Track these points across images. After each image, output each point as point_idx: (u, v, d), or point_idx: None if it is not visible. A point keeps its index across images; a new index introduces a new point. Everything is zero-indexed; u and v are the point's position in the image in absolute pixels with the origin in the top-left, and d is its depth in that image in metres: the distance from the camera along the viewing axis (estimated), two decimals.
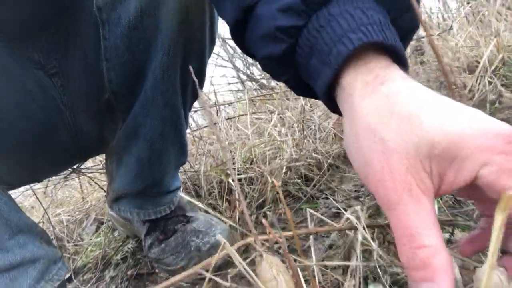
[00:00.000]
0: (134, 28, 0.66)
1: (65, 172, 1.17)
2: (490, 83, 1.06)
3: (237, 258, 0.31)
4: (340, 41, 0.37)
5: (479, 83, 1.08)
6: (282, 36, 0.40)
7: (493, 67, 1.10)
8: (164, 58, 0.68)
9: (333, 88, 0.39)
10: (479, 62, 1.15)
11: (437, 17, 1.91)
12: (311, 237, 0.72)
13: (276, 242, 0.60)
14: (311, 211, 0.48)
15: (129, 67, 0.69)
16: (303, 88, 0.46)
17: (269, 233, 0.34)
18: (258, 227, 0.83)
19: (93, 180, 1.23)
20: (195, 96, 0.83)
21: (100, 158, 1.35)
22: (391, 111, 0.34)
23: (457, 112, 0.32)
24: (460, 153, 0.31)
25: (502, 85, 1.03)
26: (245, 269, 0.31)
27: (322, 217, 0.48)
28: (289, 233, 0.38)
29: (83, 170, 1.25)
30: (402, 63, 0.38)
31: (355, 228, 0.43)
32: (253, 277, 0.32)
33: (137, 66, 0.69)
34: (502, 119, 1.01)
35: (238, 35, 0.47)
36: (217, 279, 0.32)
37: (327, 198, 0.88)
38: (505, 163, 0.30)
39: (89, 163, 1.40)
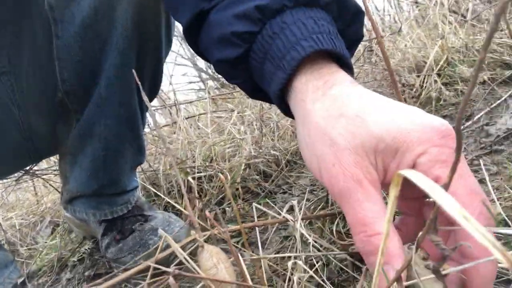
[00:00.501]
0: (89, 27, 0.65)
1: (16, 174, 1.13)
2: (435, 82, 1.13)
3: (177, 249, 0.33)
4: (293, 48, 0.39)
5: (426, 82, 1.15)
6: (237, 41, 0.43)
7: (438, 67, 1.18)
8: (119, 57, 0.68)
9: (285, 91, 0.42)
10: (426, 62, 1.22)
11: (389, 19, 2.00)
12: (269, 229, 0.74)
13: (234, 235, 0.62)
14: (258, 206, 0.50)
15: (82, 66, 0.68)
16: (256, 91, 0.49)
17: (211, 225, 0.36)
18: (218, 220, 0.84)
19: (47, 182, 1.19)
20: (152, 96, 0.83)
21: (55, 159, 1.31)
22: (340, 113, 0.36)
23: (398, 110, 0.36)
24: (401, 146, 0.34)
25: (445, 83, 1.10)
26: (185, 259, 0.33)
27: (271, 212, 0.50)
28: (236, 227, 0.40)
29: (37, 172, 1.21)
30: (349, 69, 0.42)
31: (293, 220, 0.46)
32: (193, 266, 0.33)
33: (91, 65, 0.68)
34: (445, 116, 1.07)
35: (192, 38, 0.49)
36: (160, 266, 0.33)
37: (285, 193, 0.91)
38: (439, 155, 0.33)
39: (43, 164, 1.35)
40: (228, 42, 0.43)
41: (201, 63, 3.12)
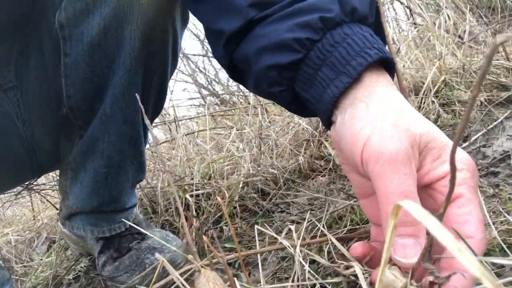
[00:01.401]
0: (97, 46, 0.66)
1: (16, 189, 1.13)
2: (433, 103, 1.14)
3: (173, 272, 0.33)
4: (359, 55, 0.44)
5: (424, 103, 1.16)
6: (297, 47, 0.46)
7: (435, 88, 1.19)
8: (125, 76, 0.68)
9: (340, 98, 0.45)
10: (424, 83, 1.23)
11: (389, 40, 2.04)
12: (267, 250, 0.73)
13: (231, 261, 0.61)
14: (260, 228, 0.51)
15: (89, 83, 0.69)
16: (293, 101, 0.51)
17: (211, 251, 0.36)
18: (214, 242, 0.84)
19: (45, 198, 1.19)
20: (156, 113, 0.83)
21: (53, 175, 1.31)
22: (408, 107, 0.43)
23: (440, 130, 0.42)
24: (445, 155, 0.39)
25: (443, 104, 1.11)
26: (182, 283, 0.33)
27: (268, 232, 0.50)
28: (234, 255, 0.40)
29: (35, 188, 1.21)
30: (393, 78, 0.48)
31: (294, 246, 0.46)
32: None
33: (97, 83, 0.69)
34: None
35: (230, 46, 0.51)
36: None
37: (283, 212, 0.90)
38: (469, 178, 0.38)
39: (41, 180, 1.35)
40: (286, 47, 0.46)
41: (202, 79, 3.15)
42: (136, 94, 0.44)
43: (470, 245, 0.31)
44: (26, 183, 1.07)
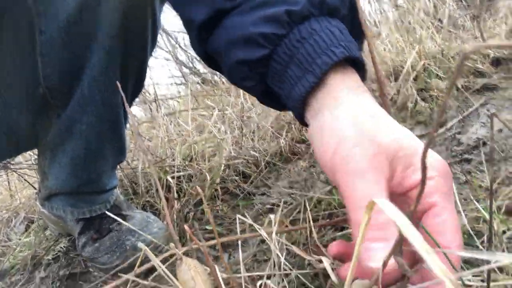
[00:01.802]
0: (73, 23, 0.64)
1: None
2: (411, 88, 1.16)
3: (155, 261, 0.34)
4: (324, 53, 0.42)
5: (403, 88, 1.18)
6: (263, 42, 0.44)
7: (415, 73, 1.21)
8: (104, 56, 0.67)
9: (309, 96, 0.44)
10: (403, 67, 1.25)
11: (370, 22, 2.03)
12: (247, 231, 0.75)
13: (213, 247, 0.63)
14: (240, 217, 0.52)
15: (66, 63, 0.67)
16: (266, 95, 0.50)
17: (192, 240, 0.37)
18: (195, 228, 0.85)
19: (22, 177, 1.16)
20: (136, 94, 0.82)
21: (31, 153, 1.28)
22: (373, 113, 0.41)
23: (412, 135, 0.40)
24: (415, 163, 0.38)
25: (421, 89, 1.13)
26: (163, 271, 0.33)
27: (247, 220, 0.51)
28: (213, 242, 0.41)
29: (12, 166, 1.18)
30: (364, 80, 0.46)
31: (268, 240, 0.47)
32: (171, 278, 0.34)
33: (75, 62, 0.68)
34: (420, 122, 1.10)
35: (202, 36, 0.50)
36: (138, 279, 0.33)
37: (263, 194, 0.92)
38: (442, 186, 0.37)
39: (18, 159, 1.32)
40: (253, 42, 0.45)
41: (182, 56, 3.09)
42: (116, 81, 0.42)
43: (447, 255, 0.33)
44: (3, 162, 1.05)
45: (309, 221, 0.53)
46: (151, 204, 0.96)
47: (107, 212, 0.53)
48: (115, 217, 0.49)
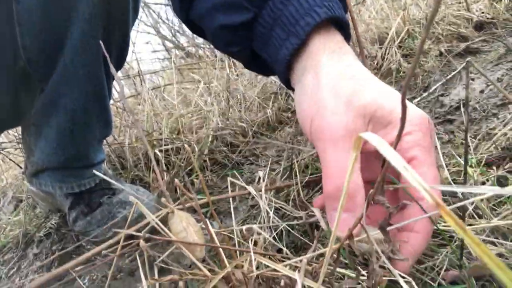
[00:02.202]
0: None
1: None
2: (396, 53, 1.16)
3: (148, 214, 0.34)
4: (308, 14, 0.42)
5: (387, 54, 1.18)
6: (248, 5, 0.44)
7: (399, 39, 1.21)
8: (85, 26, 0.65)
9: (294, 57, 0.44)
10: (388, 34, 1.25)
11: None
12: (237, 199, 0.76)
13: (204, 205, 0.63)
14: (231, 179, 0.52)
15: (46, 34, 0.66)
16: (252, 60, 0.50)
17: (183, 193, 0.37)
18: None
19: (7, 157, 1.15)
20: (118, 67, 0.81)
21: (14, 133, 1.26)
22: (352, 75, 0.40)
23: (394, 91, 0.40)
24: (394, 120, 0.38)
25: (406, 55, 1.14)
26: (157, 223, 0.34)
27: (238, 182, 0.52)
28: (204, 200, 0.41)
29: None
30: (348, 38, 0.45)
31: (256, 195, 0.48)
32: (164, 229, 0.35)
33: (55, 33, 0.66)
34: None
35: (184, 3, 0.49)
36: (132, 232, 0.34)
37: (252, 164, 0.93)
38: (421, 139, 0.37)
39: (1, 139, 1.30)
40: (237, 6, 0.44)
41: (165, 30, 3.03)
42: (100, 44, 0.42)
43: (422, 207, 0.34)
44: None
45: (297, 178, 0.54)
46: (140, 178, 0.96)
47: (96, 172, 0.53)
48: (109, 179, 0.48)
